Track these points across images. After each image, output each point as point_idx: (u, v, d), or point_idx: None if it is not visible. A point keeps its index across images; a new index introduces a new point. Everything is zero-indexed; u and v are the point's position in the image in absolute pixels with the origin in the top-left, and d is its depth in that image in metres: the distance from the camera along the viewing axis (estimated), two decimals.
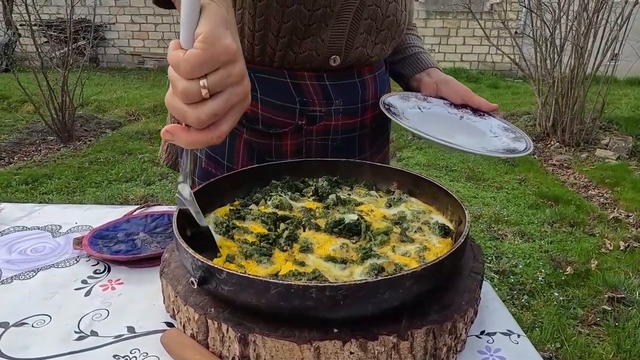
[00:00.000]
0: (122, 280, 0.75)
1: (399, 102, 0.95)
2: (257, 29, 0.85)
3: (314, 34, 0.85)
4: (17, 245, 0.86)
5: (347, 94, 0.94)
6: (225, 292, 0.53)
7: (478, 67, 8.23)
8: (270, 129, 0.92)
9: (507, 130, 0.92)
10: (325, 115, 0.93)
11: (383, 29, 0.91)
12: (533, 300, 2.33)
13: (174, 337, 0.59)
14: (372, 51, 0.93)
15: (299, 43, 0.86)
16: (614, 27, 4.31)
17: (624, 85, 6.51)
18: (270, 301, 0.51)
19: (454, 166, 4.07)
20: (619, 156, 4.30)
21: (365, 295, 0.51)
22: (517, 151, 0.84)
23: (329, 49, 0.87)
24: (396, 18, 0.92)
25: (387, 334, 0.53)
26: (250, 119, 0.92)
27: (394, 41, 0.97)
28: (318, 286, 0.50)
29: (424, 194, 0.80)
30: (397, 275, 0.52)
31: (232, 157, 0.95)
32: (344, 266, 0.62)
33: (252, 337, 0.53)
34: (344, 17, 0.86)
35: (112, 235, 0.87)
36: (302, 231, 0.70)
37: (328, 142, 0.96)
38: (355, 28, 0.88)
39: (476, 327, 0.64)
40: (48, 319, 0.65)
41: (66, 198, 3.37)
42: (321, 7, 0.83)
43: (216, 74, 0.48)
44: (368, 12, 0.87)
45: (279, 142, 0.93)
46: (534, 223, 3.10)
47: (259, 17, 0.84)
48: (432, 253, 0.65)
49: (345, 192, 0.83)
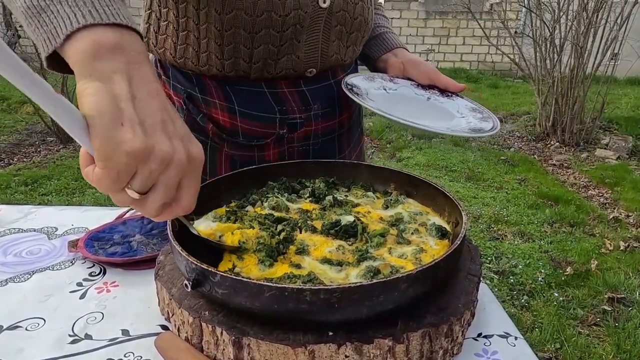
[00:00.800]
0: (118, 283, 0.74)
1: (363, 83, 0.93)
2: (226, 57, 0.81)
3: (287, 52, 0.83)
4: (13, 247, 0.85)
5: (324, 97, 0.93)
6: (219, 295, 0.53)
7: (478, 67, 8.22)
8: (252, 140, 0.90)
9: (475, 110, 0.91)
10: (306, 121, 0.92)
11: (353, 32, 0.89)
12: (533, 300, 2.32)
13: (168, 341, 0.59)
14: (346, 55, 0.92)
15: (274, 64, 0.84)
16: (613, 26, 4.31)
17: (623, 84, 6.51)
18: (264, 304, 0.51)
19: (454, 166, 4.07)
20: (619, 156, 4.30)
21: (360, 298, 0.50)
22: (483, 130, 0.82)
23: (305, 63, 0.86)
24: (364, 17, 0.90)
25: (382, 337, 0.52)
26: (230, 132, 0.90)
27: (364, 40, 0.96)
28: (312, 289, 0.49)
29: (422, 195, 0.79)
30: (392, 278, 0.52)
31: (215, 172, 0.92)
32: (340, 268, 0.61)
33: (246, 340, 0.52)
34: (315, 29, 0.83)
35: (108, 237, 0.87)
36: (299, 233, 0.69)
37: (309, 146, 0.96)
38: (327, 37, 0.86)
39: (473, 329, 0.63)
40: (42, 322, 0.65)
41: (65, 199, 3.37)
42: (290, 26, 0.80)
43: (135, 179, 0.43)
44: (337, 19, 0.85)
45: (262, 153, 0.92)
46: (533, 223, 3.09)
47: (227, 45, 0.80)
48: (429, 255, 0.64)
49: (342, 194, 0.83)
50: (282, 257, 0.64)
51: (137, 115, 0.43)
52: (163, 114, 0.45)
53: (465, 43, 8.16)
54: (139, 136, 0.42)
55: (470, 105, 0.93)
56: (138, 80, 0.45)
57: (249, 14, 0.76)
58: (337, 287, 0.50)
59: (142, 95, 0.44)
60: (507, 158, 4.28)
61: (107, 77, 0.43)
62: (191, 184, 0.46)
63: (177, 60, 0.86)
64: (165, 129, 0.44)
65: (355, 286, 0.50)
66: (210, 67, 0.83)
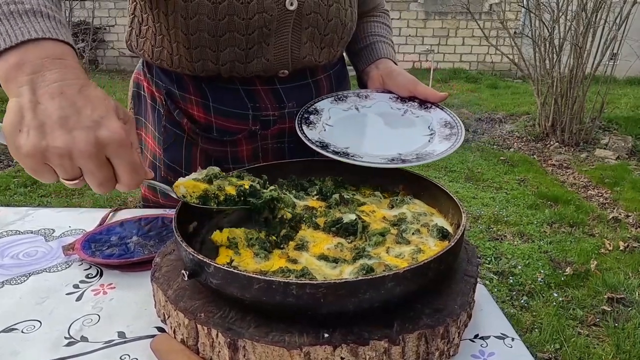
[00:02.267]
0: (114, 285, 0.74)
1: (329, 105, 0.92)
2: (194, 60, 0.83)
3: (257, 56, 0.83)
4: (10, 249, 0.85)
5: (300, 95, 0.93)
6: (213, 285, 0.55)
7: (477, 67, 8.22)
8: (225, 135, 0.92)
9: (447, 125, 0.87)
10: (279, 118, 0.93)
11: (327, 33, 0.89)
12: (532, 301, 2.32)
13: (164, 343, 0.58)
14: (320, 56, 0.91)
15: (244, 67, 0.84)
16: (612, 26, 4.31)
17: (623, 84, 6.51)
18: (253, 296, 0.52)
19: (453, 167, 4.07)
20: (618, 156, 4.30)
21: (346, 294, 0.51)
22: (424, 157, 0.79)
23: (276, 66, 0.86)
24: (339, 19, 0.89)
25: (378, 338, 0.52)
26: (204, 127, 0.92)
27: (343, 41, 0.94)
28: (298, 283, 0.51)
29: (429, 196, 0.80)
30: (377, 275, 0.52)
31: (190, 166, 0.95)
32: (335, 265, 0.62)
33: (241, 342, 0.52)
34: (283, 32, 0.83)
35: (105, 239, 0.86)
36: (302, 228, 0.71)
37: (284, 144, 0.96)
38: (298, 39, 0.85)
39: (470, 330, 0.63)
40: (38, 324, 0.64)
41: (65, 201, 3.37)
42: (256, 29, 0.80)
43: (57, 171, 0.49)
44: (308, 21, 0.84)
45: (235, 149, 0.93)
46: (533, 223, 3.09)
47: (194, 48, 0.82)
48: (426, 256, 0.64)
49: (350, 193, 0.83)
50: (281, 252, 0.65)
51: (36, 119, 0.48)
52: (62, 112, 0.49)
53: (464, 43, 8.16)
54: (31, 139, 0.48)
55: (446, 119, 0.89)
56: (41, 87, 0.50)
57: (211, 17, 0.78)
58: (322, 282, 0.51)
59: (43, 99, 0.49)
60: (506, 158, 4.28)
61: (17, 93, 0.50)
62: (120, 162, 0.51)
63: (155, 61, 0.90)
64: (64, 125, 0.48)
65: (341, 282, 0.51)
66: (182, 68, 0.86)
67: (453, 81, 7.48)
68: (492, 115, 5.59)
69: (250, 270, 0.59)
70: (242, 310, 0.56)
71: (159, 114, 0.97)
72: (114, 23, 8.28)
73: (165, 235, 0.89)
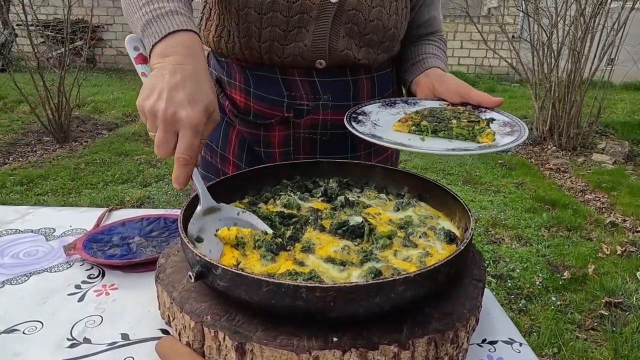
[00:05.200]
0: (117, 286, 0.73)
1: (377, 109, 0.89)
2: (241, 36, 0.91)
3: (295, 39, 0.88)
4: (10, 249, 0.84)
5: (336, 90, 0.95)
6: (220, 287, 0.55)
7: (475, 70, 8.25)
8: (259, 119, 0.97)
9: (506, 124, 0.82)
10: (313, 109, 0.95)
11: (367, 33, 0.90)
12: (530, 304, 2.32)
13: (169, 346, 0.58)
14: (359, 54, 0.92)
15: (282, 48, 0.89)
16: (610, 32, 4.33)
17: (620, 90, 6.55)
18: (262, 298, 0.52)
19: (451, 170, 4.07)
20: (615, 160, 4.32)
21: (356, 298, 0.51)
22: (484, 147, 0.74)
23: (313, 53, 0.90)
24: (382, 22, 0.90)
25: (388, 343, 0.51)
26: (243, 111, 0.98)
27: (384, 45, 0.94)
28: (308, 286, 0.50)
29: (434, 199, 0.79)
30: (387, 279, 0.51)
31: (225, 146, 1.03)
32: (343, 268, 0.61)
33: (249, 345, 0.51)
34: (323, 22, 0.87)
35: (107, 238, 0.86)
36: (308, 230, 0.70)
37: (317, 136, 0.98)
38: (337, 32, 0.89)
39: (477, 335, 0.63)
40: (40, 325, 0.63)
41: (62, 199, 3.34)
42: (297, 14, 0.86)
43: None
44: (348, 16, 0.88)
45: (267, 133, 0.98)
46: (531, 227, 3.09)
47: (242, 24, 0.89)
48: (434, 259, 0.63)
49: (355, 194, 0.82)
50: (287, 254, 0.64)
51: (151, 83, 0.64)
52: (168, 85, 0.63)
53: (463, 47, 8.18)
54: (142, 95, 0.64)
55: (504, 120, 0.83)
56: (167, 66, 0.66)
57: None
58: (332, 286, 0.50)
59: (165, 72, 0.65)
60: (504, 162, 4.29)
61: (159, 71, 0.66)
62: (182, 139, 0.62)
63: (216, 50, 1.00)
64: (161, 95, 0.62)
65: (351, 286, 0.50)
66: (235, 54, 0.95)
67: None
68: None
69: (258, 273, 0.59)
70: (249, 313, 0.55)
71: None
72: (112, 22, 8.25)
73: (168, 235, 0.88)
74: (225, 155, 1.03)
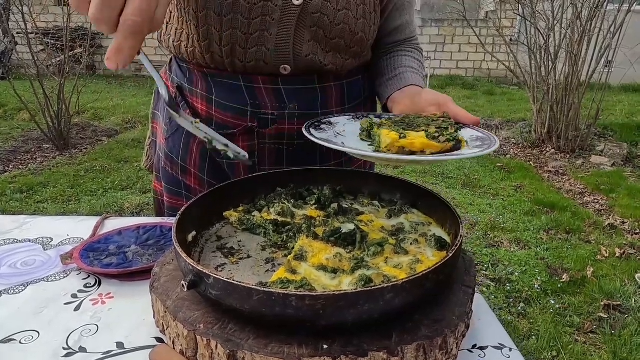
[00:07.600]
0: (113, 295, 0.74)
1: (345, 121, 0.84)
2: (202, 39, 0.87)
3: (257, 43, 0.85)
4: (8, 259, 0.85)
5: (303, 98, 0.92)
6: (212, 296, 0.55)
7: (474, 74, 8.28)
8: (223, 129, 0.93)
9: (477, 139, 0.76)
10: (278, 118, 0.92)
11: (334, 37, 0.88)
12: (529, 308, 2.32)
13: (163, 354, 0.58)
14: (326, 59, 0.90)
15: (244, 52, 0.86)
16: (607, 35, 4.35)
17: (618, 92, 6.57)
18: (253, 307, 0.52)
19: (450, 173, 4.08)
20: (613, 163, 4.33)
21: (345, 306, 0.51)
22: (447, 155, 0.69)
23: (276, 58, 0.87)
24: (348, 26, 0.87)
25: (377, 350, 0.52)
26: (205, 120, 0.94)
27: (353, 50, 0.92)
28: (297, 295, 0.51)
29: (426, 206, 0.80)
30: (376, 287, 0.52)
31: (186, 156, 0.99)
32: (334, 276, 0.62)
33: (241, 354, 0.52)
34: (286, 25, 0.84)
35: (104, 248, 0.86)
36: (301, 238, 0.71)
37: (283, 146, 0.95)
38: (301, 36, 0.86)
39: (468, 340, 0.63)
40: (36, 334, 0.64)
41: (61, 207, 3.36)
42: (259, 16, 0.82)
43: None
44: (312, 19, 0.85)
45: None
46: (530, 230, 3.10)
47: (202, 27, 0.85)
48: (424, 266, 0.64)
49: (349, 202, 0.83)
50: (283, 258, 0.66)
51: None
52: None
53: (461, 50, 8.22)
54: None
55: (477, 135, 0.78)
56: None
57: None
58: (321, 294, 0.51)
59: None
60: (503, 165, 4.30)
61: None
62: None
63: (177, 55, 0.96)
64: None
65: (340, 294, 0.51)
66: (196, 59, 0.91)
67: (449, 88, 7.52)
68: (489, 122, 5.62)
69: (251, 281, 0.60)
70: (241, 322, 0.56)
71: None
72: None
73: (164, 244, 0.89)
74: (187, 167, 0.99)
